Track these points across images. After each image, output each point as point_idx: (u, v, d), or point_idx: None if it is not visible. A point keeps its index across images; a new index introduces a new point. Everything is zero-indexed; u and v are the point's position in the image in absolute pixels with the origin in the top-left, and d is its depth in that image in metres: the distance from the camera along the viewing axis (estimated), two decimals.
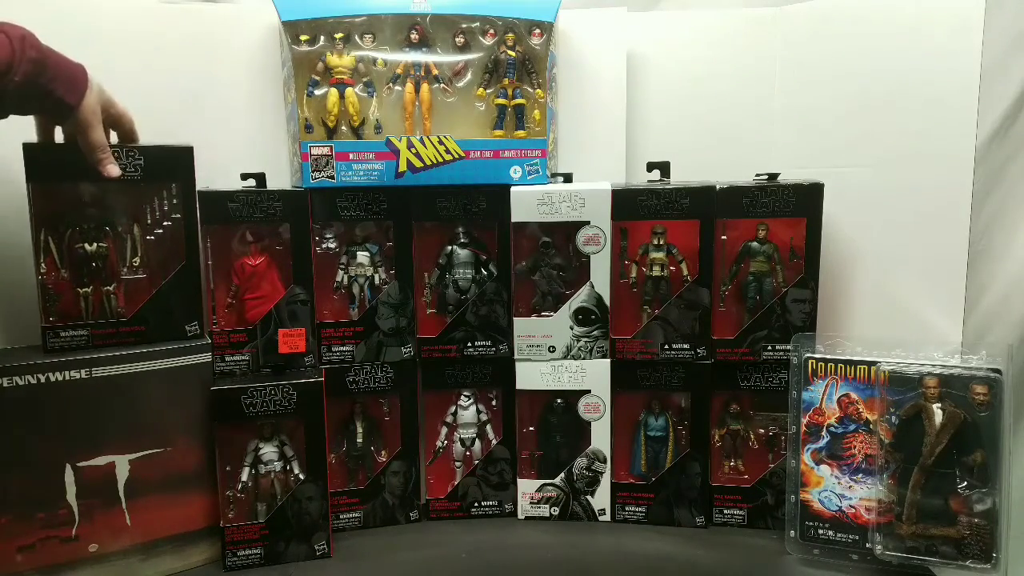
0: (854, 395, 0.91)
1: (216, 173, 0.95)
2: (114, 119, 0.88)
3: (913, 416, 0.87)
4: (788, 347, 0.97)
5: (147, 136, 0.97)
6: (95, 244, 0.90)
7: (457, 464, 1.07)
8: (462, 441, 1.07)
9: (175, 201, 0.93)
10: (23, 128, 0.87)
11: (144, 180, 0.90)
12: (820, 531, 0.92)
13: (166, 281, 0.92)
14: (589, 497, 1.05)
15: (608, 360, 1.02)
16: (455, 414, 1.07)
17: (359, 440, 1.04)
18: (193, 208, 0.93)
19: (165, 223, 0.93)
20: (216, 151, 0.98)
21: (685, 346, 1.00)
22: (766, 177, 0.99)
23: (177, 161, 0.92)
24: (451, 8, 0.98)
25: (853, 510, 0.91)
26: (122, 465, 0.88)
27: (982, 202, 1.02)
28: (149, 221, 0.93)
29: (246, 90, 1.02)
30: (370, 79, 0.99)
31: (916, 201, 0.99)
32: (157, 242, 0.93)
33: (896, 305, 1.02)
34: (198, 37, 1.00)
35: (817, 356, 0.93)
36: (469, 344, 1.04)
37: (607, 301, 1.01)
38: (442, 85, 1.00)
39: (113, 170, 0.85)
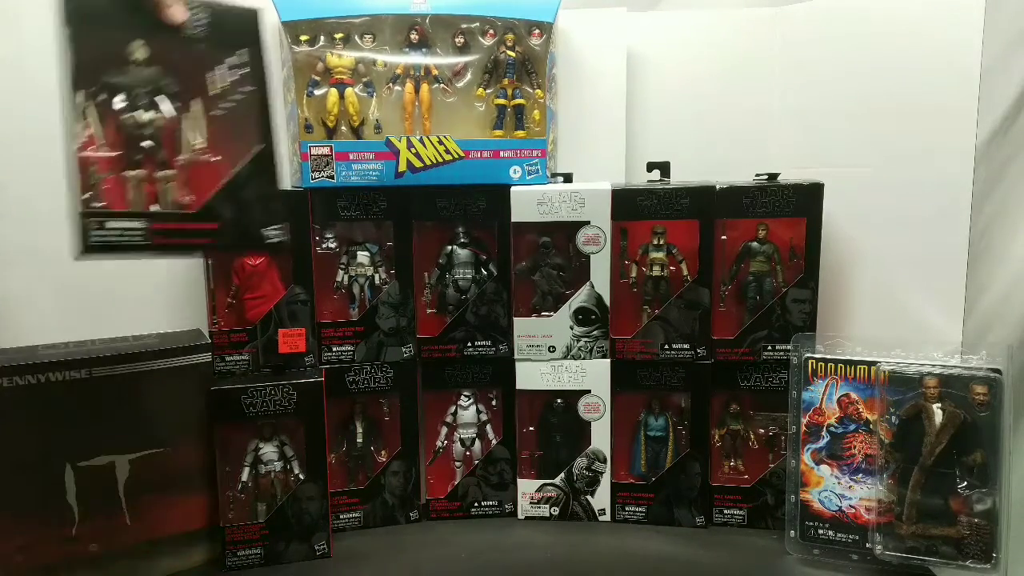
0: (854, 395, 0.91)
1: None
2: None
3: (913, 416, 0.87)
4: (788, 347, 0.97)
5: None
6: (150, 112, 0.74)
7: (457, 464, 1.07)
8: (462, 441, 1.07)
9: (247, 71, 0.79)
10: None
11: (208, 41, 0.77)
12: (820, 531, 0.92)
13: (241, 167, 0.79)
14: (589, 497, 1.05)
15: (608, 360, 1.02)
16: (455, 414, 1.07)
17: (359, 440, 1.04)
18: (264, 82, 0.81)
19: (234, 96, 0.79)
20: None
21: (685, 346, 1.00)
22: (766, 177, 0.99)
23: (246, 24, 0.80)
24: (451, 8, 0.98)
25: (853, 510, 0.91)
26: (122, 465, 0.88)
27: (982, 202, 1.02)
28: (214, 92, 0.77)
29: None
30: (370, 79, 0.99)
31: (916, 201, 0.99)
32: (225, 120, 0.78)
33: (896, 305, 1.02)
34: None
35: (817, 356, 0.93)
36: (469, 344, 1.04)
37: (607, 301, 1.01)
38: (442, 85, 1.01)
39: (178, 12, 0.72)
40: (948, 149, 0.96)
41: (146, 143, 0.74)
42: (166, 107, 0.75)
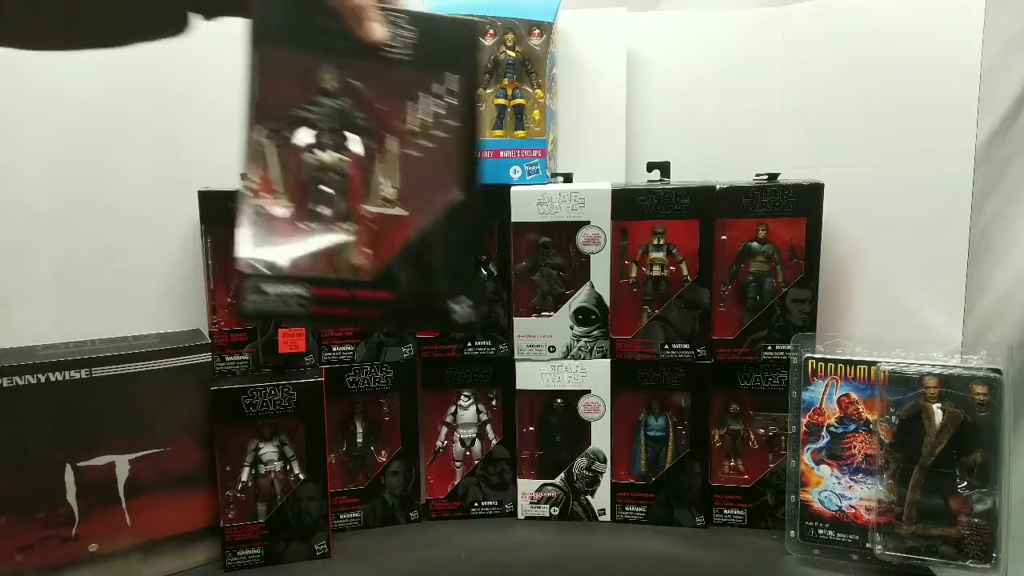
0: (854, 395, 0.91)
1: (216, 173, 0.95)
2: None
3: (913, 416, 0.87)
4: (788, 347, 0.97)
5: (146, 136, 0.97)
6: (335, 153, 0.62)
7: (457, 464, 1.07)
8: (462, 441, 1.07)
9: (455, 102, 0.64)
10: None
11: (415, 64, 0.63)
12: (820, 531, 0.92)
13: (429, 222, 0.63)
14: (589, 497, 1.05)
15: (608, 360, 1.02)
16: (455, 414, 1.07)
17: (359, 440, 1.04)
18: (473, 116, 0.66)
19: (435, 133, 0.64)
20: (216, 151, 0.98)
21: (685, 346, 1.00)
22: (766, 177, 0.99)
23: (460, 42, 0.66)
24: (450, 9, 0.98)
25: (853, 510, 0.91)
26: (122, 465, 0.88)
27: (982, 202, 1.01)
28: (411, 128, 0.63)
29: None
30: None
31: (916, 201, 0.99)
32: (419, 163, 0.64)
33: (896, 305, 1.02)
34: (199, 37, 1.00)
35: (817, 356, 0.93)
36: (469, 344, 1.04)
37: (607, 301, 1.01)
38: None
39: (377, 30, 0.59)
40: (948, 149, 0.96)
41: (327, 189, 0.62)
42: (356, 147, 0.62)
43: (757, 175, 1.01)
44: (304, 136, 0.62)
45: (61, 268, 0.97)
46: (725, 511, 1.03)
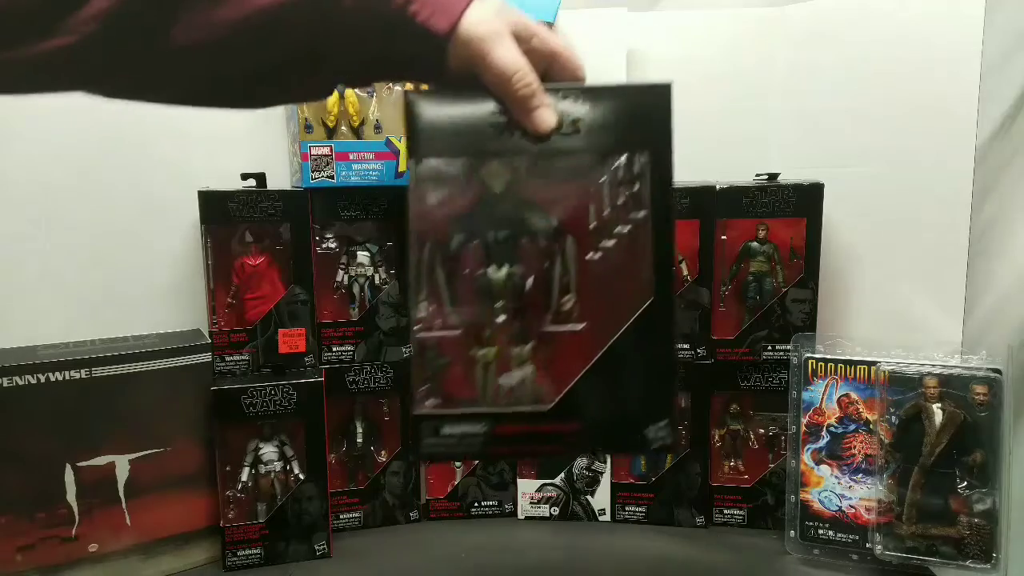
0: (854, 395, 0.91)
1: (216, 173, 0.96)
2: (543, 56, 0.54)
3: (913, 416, 0.87)
4: (788, 347, 0.97)
5: (147, 136, 0.97)
6: (506, 268, 0.55)
7: (457, 464, 1.07)
8: None
9: (638, 187, 0.55)
10: None
11: (593, 147, 0.55)
12: (820, 531, 0.92)
13: (616, 338, 0.54)
14: (589, 497, 1.05)
15: None
16: None
17: (359, 440, 1.04)
18: (668, 199, 0.56)
19: (620, 228, 0.56)
20: (216, 151, 0.98)
21: (685, 346, 1.00)
22: (766, 177, 0.99)
23: (647, 112, 0.55)
24: None
25: (853, 510, 0.91)
26: (122, 465, 0.88)
27: (982, 202, 1.01)
28: (593, 225, 0.55)
29: None
30: None
31: (916, 201, 0.99)
32: (601, 265, 0.55)
33: (896, 305, 1.02)
34: None
35: (817, 356, 0.93)
36: None
37: None
38: None
39: (545, 117, 0.52)
40: (948, 149, 0.96)
41: (501, 309, 0.54)
42: (530, 257, 0.55)
43: (757, 175, 1.01)
44: (471, 250, 0.55)
45: (61, 268, 0.96)
46: (725, 511, 1.03)
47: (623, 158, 0.55)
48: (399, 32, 0.49)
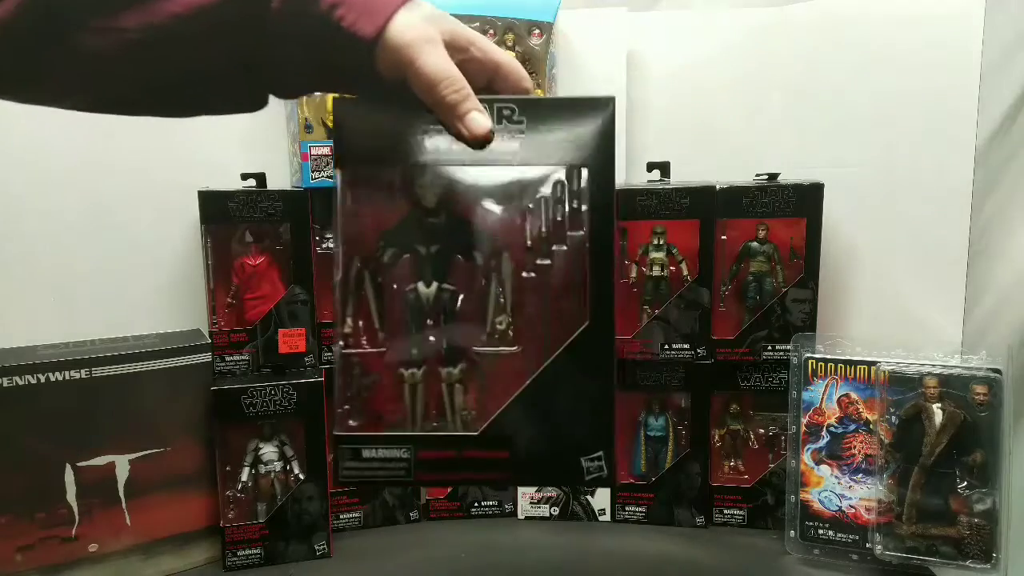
0: (854, 395, 0.91)
1: (216, 173, 0.96)
2: (485, 66, 0.52)
3: (913, 416, 0.87)
4: (788, 347, 0.97)
5: (146, 135, 0.97)
6: (436, 284, 0.54)
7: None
8: None
9: (577, 204, 0.53)
10: None
11: (529, 162, 0.53)
12: (820, 531, 0.92)
13: (556, 357, 0.52)
14: (589, 497, 1.05)
15: None
16: None
17: None
18: (609, 221, 0.53)
19: (556, 246, 0.54)
20: (216, 151, 0.98)
21: (685, 346, 1.00)
22: (766, 177, 0.99)
23: (587, 127, 0.52)
24: (450, 8, 0.97)
25: (853, 510, 0.91)
26: (122, 465, 0.88)
27: (982, 202, 1.01)
28: (530, 241, 0.54)
29: None
30: None
31: (916, 201, 0.99)
32: (539, 284, 0.54)
33: (896, 305, 1.02)
34: None
35: (817, 356, 0.93)
36: None
37: None
38: None
39: (479, 121, 0.49)
40: (948, 149, 0.96)
41: (430, 327, 0.53)
42: (461, 273, 0.54)
43: (757, 175, 1.01)
44: (401, 265, 0.53)
45: (61, 268, 0.96)
46: (725, 511, 1.03)
47: (562, 174, 0.53)
48: (327, 38, 0.48)
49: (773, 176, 0.99)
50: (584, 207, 0.53)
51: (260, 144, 1.03)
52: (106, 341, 0.92)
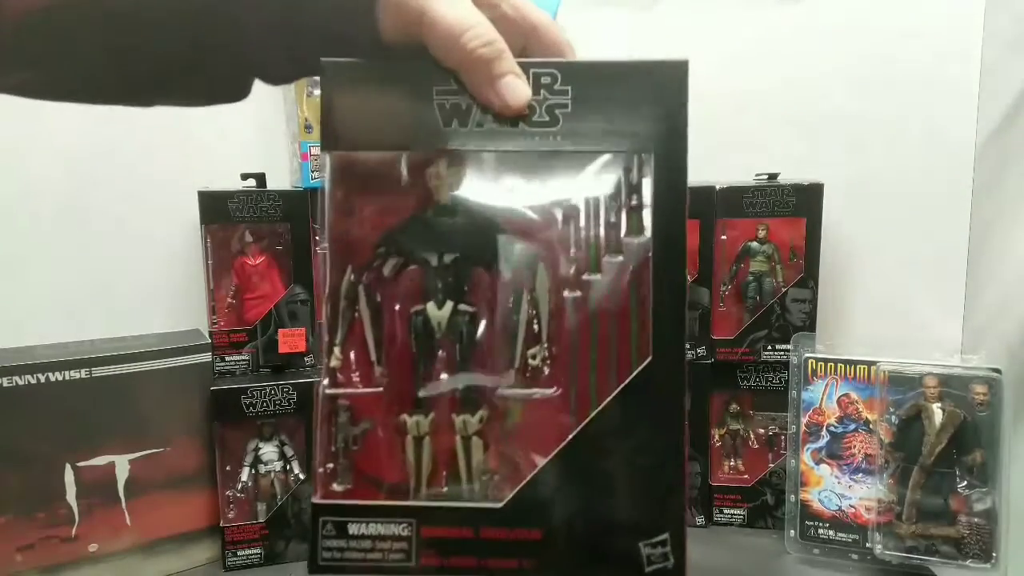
0: (854, 395, 0.91)
1: (216, 173, 0.96)
2: (519, 28, 0.42)
3: (913, 416, 0.87)
4: (788, 347, 0.97)
5: (146, 136, 0.97)
6: (451, 304, 0.40)
7: None
8: None
9: (638, 201, 0.41)
10: None
11: (576, 144, 0.40)
12: (820, 531, 0.92)
13: (609, 406, 0.39)
14: None
15: None
16: None
17: None
18: (680, 222, 0.41)
19: (611, 257, 0.40)
20: (216, 151, 0.98)
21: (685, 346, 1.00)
22: (766, 177, 0.99)
23: (650, 100, 0.41)
24: None
25: (853, 510, 0.91)
26: (122, 465, 0.88)
27: (982, 202, 1.01)
28: (575, 250, 0.40)
29: None
30: None
31: (915, 201, 0.99)
32: (588, 308, 0.40)
33: (896, 305, 1.02)
34: None
35: (817, 356, 0.93)
36: None
37: None
38: None
39: (515, 88, 0.38)
40: (948, 149, 0.96)
41: (441, 360, 0.41)
42: (485, 292, 0.41)
43: (757, 175, 1.01)
44: (407, 279, 0.40)
45: (61, 268, 0.97)
46: (725, 511, 1.03)
47: (619, 161, 0.41)
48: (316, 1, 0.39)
49: (773, 176, 0.99)
50: (647, 206, 0.41)
51: (260, 144, 1.03)
52: (106, 341, 0.91)
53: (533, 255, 0.40)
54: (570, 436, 0.39)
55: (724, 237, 1.00)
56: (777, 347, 0.99)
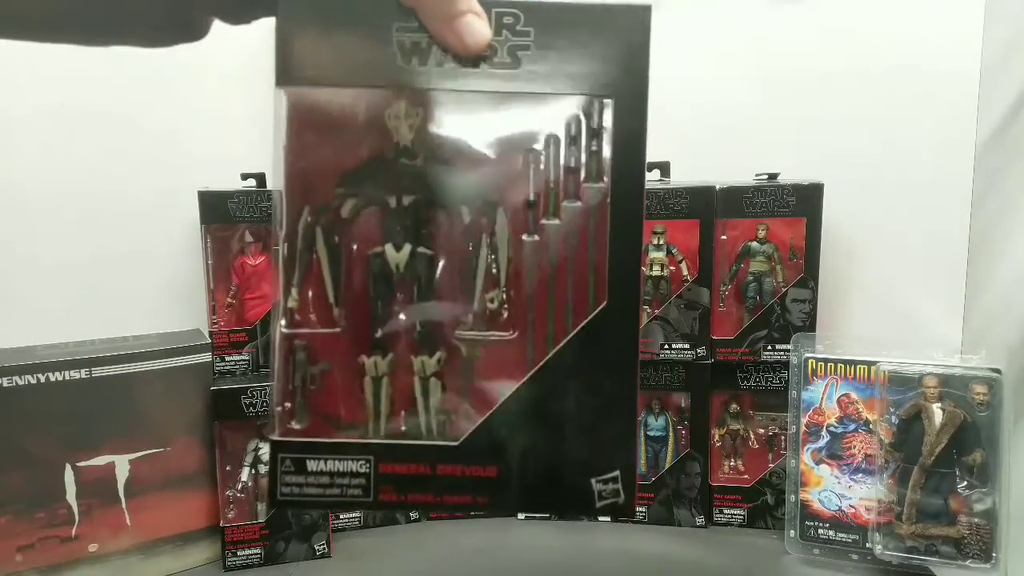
0: (854, 395, 0.91)
1: (216, 173, 0.95)
2: None
3: (913, 416, 0.87)
4: (788, 347, 0.97)
5: (146, 136, 0.97)
6: (409, 247, 0.41)
7: None
8: None
9: (597, 146, 0.41)
10: None
11: (538, 86, 0.40)
12: (820, 531, 0.92)
13: (565, 348, 0.41)
14: None
15: None
16: None
17: None
18: (639, 168, 0.43)
19: (569, 202, 0.41)
20: (216, 151, 0.98)
21: (685, 346, 1.00)
22: (766, 177, 0.99)
23: (612, 44, 0.43)
24: None
25: (853, 510, 0.91)
26: (122, 465, 0.88)
27: (982, 202, 1.01)
28: (534, 194, 0.41)
29: (246, 90, 1.02)
30: None
31: (916, 201, 0.99)
32: (545, 252, 0.41)
33: (896, 305, 1.02)
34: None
35: (817, 356, 0.93)
36: None
37: None
38: None
39: (475, 27, 0.38)
40: (948, 149, 0.97)
41: (399, 301, 0.41)
42: (444, 234, 0.41)
43: (757, 175, 1.01)
44: (365, 221, 0.40)
45: (61, 268, 0.97)
46: (725, 511, 1.03)
47: (579, 106, 0.41)
48: None
49: (773, 176, 0.99)
50: (607, 151, 0.41)
51: (260, 144, 1.03)
52: (106, 341, 0.91)
53: (493, 199, 0.41)
54: (525, 377, 0.40)
55: (724, 237, 1.00)
56: (777, 347, 0.99)
